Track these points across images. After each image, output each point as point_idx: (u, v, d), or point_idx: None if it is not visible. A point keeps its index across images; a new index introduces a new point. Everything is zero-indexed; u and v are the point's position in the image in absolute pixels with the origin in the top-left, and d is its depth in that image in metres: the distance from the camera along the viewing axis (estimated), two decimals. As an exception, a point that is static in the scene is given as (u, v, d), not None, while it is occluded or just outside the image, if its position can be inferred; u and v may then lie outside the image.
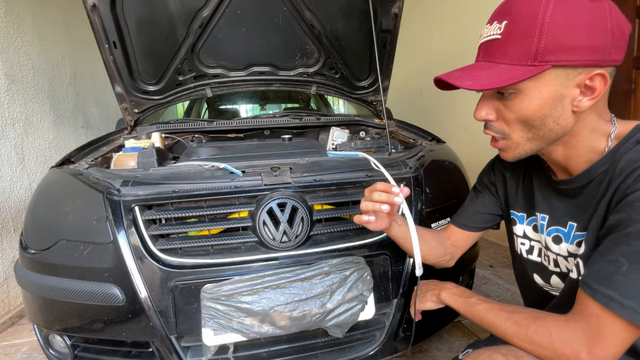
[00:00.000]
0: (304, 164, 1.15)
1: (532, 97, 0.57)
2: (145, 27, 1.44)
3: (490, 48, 0.59)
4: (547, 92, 0.56)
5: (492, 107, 0.63)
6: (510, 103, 0.59)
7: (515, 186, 0.81)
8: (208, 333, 0.96)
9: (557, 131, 0.59)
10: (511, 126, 0.61)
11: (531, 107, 0.57)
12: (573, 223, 0.66)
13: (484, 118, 0.64)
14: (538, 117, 0.58)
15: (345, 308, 1.00)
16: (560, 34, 0.53)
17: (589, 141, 0.61)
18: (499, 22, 0.58)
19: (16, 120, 2.00)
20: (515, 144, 0.63)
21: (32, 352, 1.55)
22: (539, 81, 0.56)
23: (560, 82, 0.55)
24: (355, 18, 1.55)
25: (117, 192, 1.01)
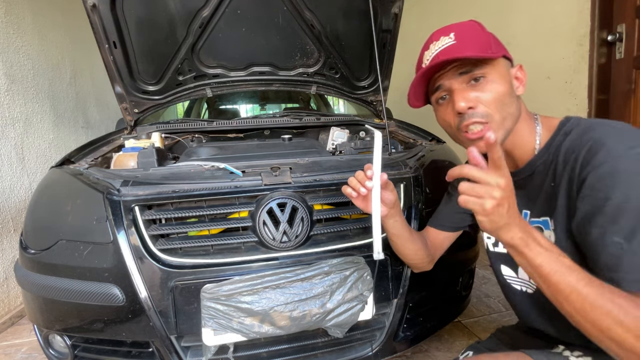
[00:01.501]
0: (304, 164, 1.15)
1: (497, 78, 0.67)
2: (145, 27, 1.44)
3: (450, 52, 0.67)
4: (504, 75, 0.68)
5: (469, 96, 0.68)
6: (486, 87, 0.67)
7: None
8: (208, 333, 0.96)
9: (518, 109, 0.69)
10: (491, 106, 0.67)
11: (501, 86, 0.67)
12: (526, 211, 0.74)
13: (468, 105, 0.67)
14: (507, 94, 0.67)
15: (345, 308, 1.00)
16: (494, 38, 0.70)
17: (526, 131, 0.71)
18: (445, 35, 0.69)
19: (16, 120, 2.00)
20: (498, 124, 0.67)
21: (32, 352, 1.55)
22: (497, 67, 0.68)
23: (507, 70, 0.69)
24: (355, 18, 1.55)
25: (117, 192, 1.01)
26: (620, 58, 1.72)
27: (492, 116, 0.67)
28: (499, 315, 1.61)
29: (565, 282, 0.54)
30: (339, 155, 1.39)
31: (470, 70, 0.67)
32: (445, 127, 0.75)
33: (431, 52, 0.70)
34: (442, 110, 0.74)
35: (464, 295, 1.36)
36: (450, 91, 0.70)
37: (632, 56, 1.67)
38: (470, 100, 0.67)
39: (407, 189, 1.15)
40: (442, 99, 0.73)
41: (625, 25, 1.68)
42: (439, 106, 0.75)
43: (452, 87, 0.69)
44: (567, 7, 1.86)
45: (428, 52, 0.71)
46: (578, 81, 1.85)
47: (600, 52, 1.77)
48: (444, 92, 0.72)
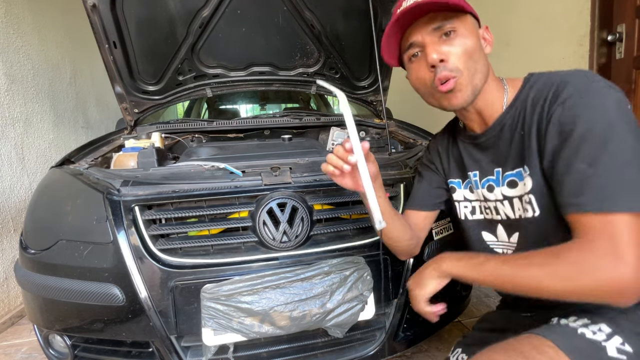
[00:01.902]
0: (304, 164, 1.15)
1: (467, 33, 0.69)
2: (145, 27, 1.44)
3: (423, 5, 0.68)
4: (472, 31, 0.70)
5: (441, 49, 0.69)
6: (455, 41, 0.69)
7: (447, 157, 0.90)
8: (208, 333, 0.96)
9: (486, 66, 0.72)
10: (461, 60, 0.68)
11: (470, 41, 0.69)
12: (498, 168, 0.76)
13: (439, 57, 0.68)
14: (476, 49, 0.70)
15: (345, 308, 1.00)
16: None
17: (495, 89, 0.73)
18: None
19: (16, 120, 2.00)
20: (467, 79, 0.69)
21: (32, 352, 1.55)
22: (466, 23, 0.70)
23: (475, 28, 0.72)
24: (355, 18, 1.55)
25: (117, 192, 1.01)
26: (620, 58, 1.72)
27: (461, 71, 0.69)
28: (499, 315, 1.60)
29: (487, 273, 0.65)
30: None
31: (442, 25, 0.69)
32: (419, 86, 0.76)
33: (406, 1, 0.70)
34: (415, 68, 0.75)
35: (464, 295, 1.36)
36: (422, 46, 0.71)
37: (632, 56, 1.67)
38: (442, 52, 0.68)
39: (407, 189, 1.15)
40: (414, 56, 0.74)
41: (625, 25, 1.68)
42: (411, 64, 0.75)
43: (425, 41, 0.70)
44: (567, 7, 1.86)
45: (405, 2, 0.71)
46: (578, 81, 1.84)
47: (600, 52, 1.77)
48: (417, 49, 0.73)
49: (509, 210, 0.76)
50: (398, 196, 1.15)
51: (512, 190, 0.73)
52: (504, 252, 0.80)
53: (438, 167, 0.92)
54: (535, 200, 0.69)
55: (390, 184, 1.16)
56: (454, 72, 0.69)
